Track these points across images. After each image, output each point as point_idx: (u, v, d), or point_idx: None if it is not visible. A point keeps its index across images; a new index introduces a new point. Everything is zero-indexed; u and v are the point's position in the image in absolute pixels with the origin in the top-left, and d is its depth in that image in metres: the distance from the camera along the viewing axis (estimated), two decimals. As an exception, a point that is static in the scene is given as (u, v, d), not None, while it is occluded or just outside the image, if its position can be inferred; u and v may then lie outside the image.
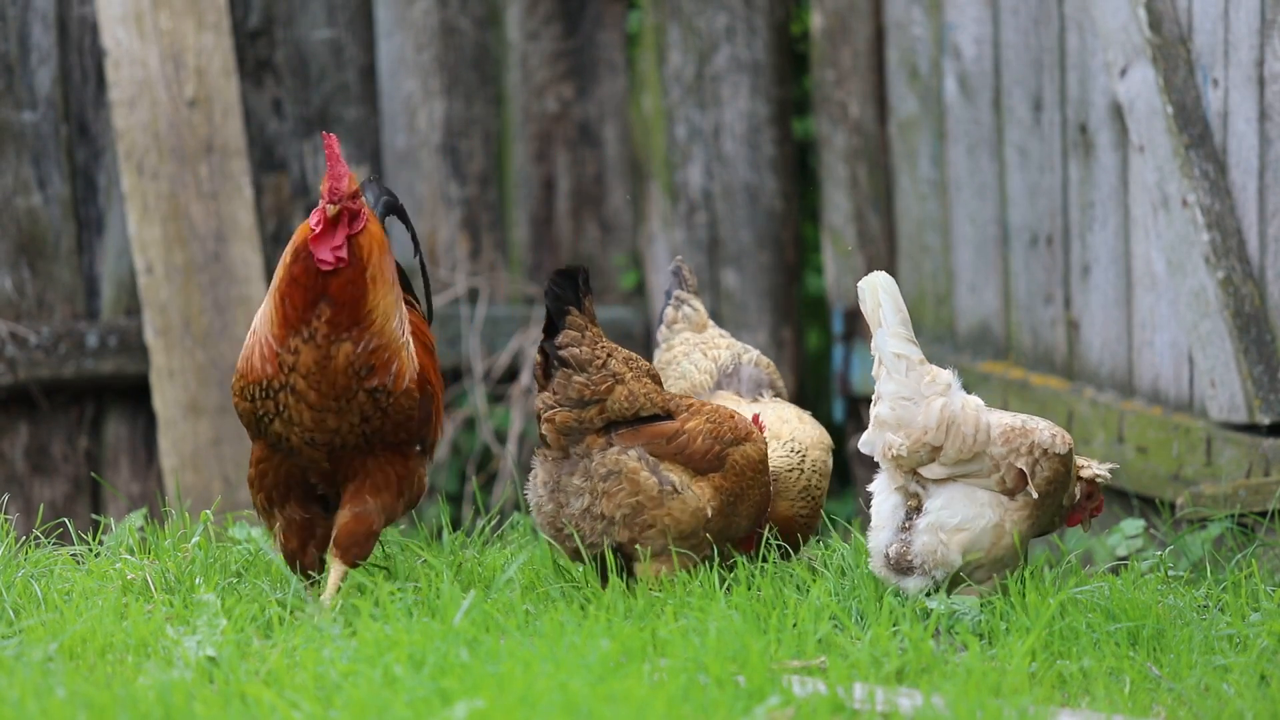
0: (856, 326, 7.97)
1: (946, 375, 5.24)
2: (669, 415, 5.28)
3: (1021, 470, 5.20)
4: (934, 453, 5.20)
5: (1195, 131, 6.46)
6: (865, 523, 6.05)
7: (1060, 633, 4.86)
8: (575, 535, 5.20)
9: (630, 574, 5.24)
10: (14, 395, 7.48)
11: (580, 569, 5.59)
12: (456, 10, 7.99)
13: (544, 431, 5.24)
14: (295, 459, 5.09)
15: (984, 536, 5.20)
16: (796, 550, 5.54)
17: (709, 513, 5.24)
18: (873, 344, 5.27)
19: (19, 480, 7.53)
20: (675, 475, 5.23)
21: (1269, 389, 6.34)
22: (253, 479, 5.15)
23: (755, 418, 5.55)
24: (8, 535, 5.33)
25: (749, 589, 5.13)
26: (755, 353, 5.93)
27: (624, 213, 8.25)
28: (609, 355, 5.24)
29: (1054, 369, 7.26)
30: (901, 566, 5.21)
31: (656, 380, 5.33)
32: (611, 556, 5.20)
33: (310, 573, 5.16)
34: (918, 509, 5.24)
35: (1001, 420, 5.23)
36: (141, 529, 5.88)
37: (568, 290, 5.21)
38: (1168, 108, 6.48)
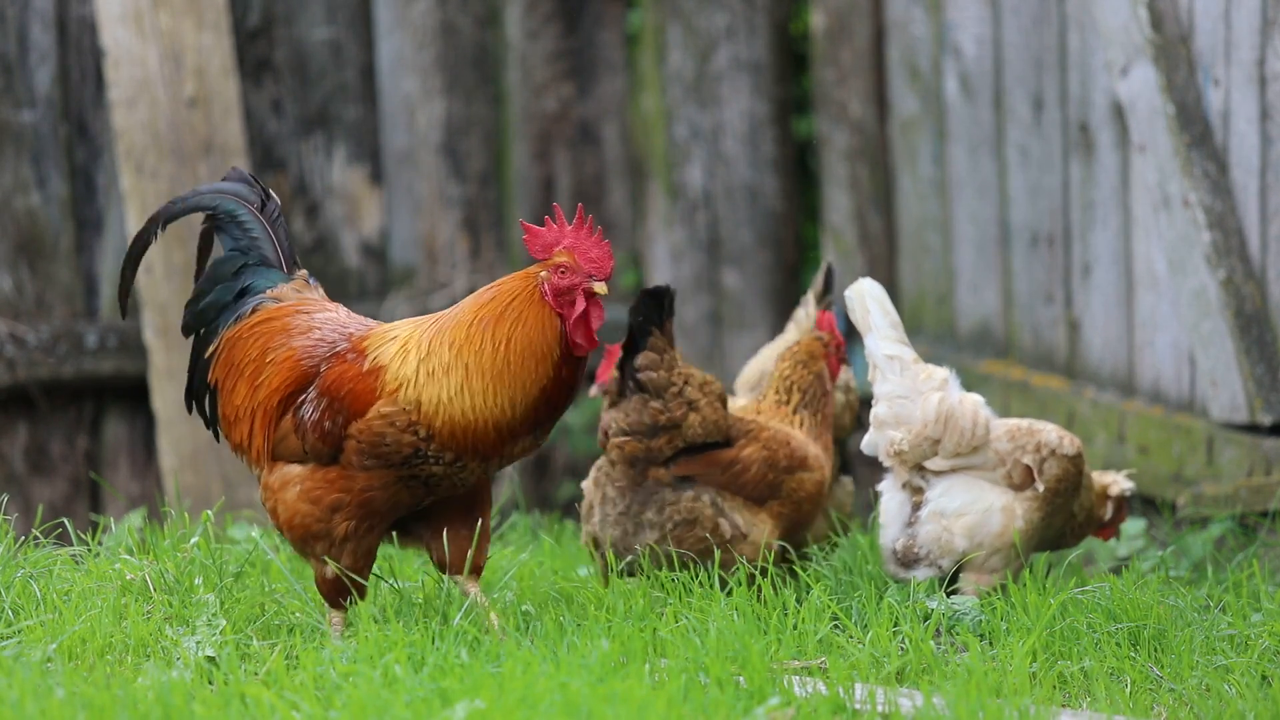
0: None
1: (942, 372, 5.29)
2: (728, 441, 5.28)
3: (1027, 466, 5.23)
4: (935, 446, 5.24)
5: (1196, 131, 6.45)
6: (866, 520, 6.05)
7: (1061, 633, 4.85)
8: (643, 560, 5.19)
9: None
10: (13, 395, 7.47)
11: (584, 571, 5.59)
12: (456, 9, 7.98)
13: (612, 457, 5.22)
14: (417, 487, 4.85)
15: (990, 520, 5.22)
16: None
17: (774, 545, 5.24)
18: (865, 349, 5.31)
19: (18, 480, 7.52)
20: (740, 515, 5.22)
21: (1270, 389, 6.33)
22: (338, 506, 4.76)
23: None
24: (7, 535, 5.32)
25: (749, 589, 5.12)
26: None
27: (624, 212, 8.25)
28: (685, 381, 5.20)
29: (1055, 369, 7.25)
30: (908, 559, 5.24)
31: (724, 402, 5.31)
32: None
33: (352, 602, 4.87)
34: (923, 504, 5.27)
35: (1008, 421, 5.28)
36: (140, 529, 5.87)
37: (652, 311, 5.17)
38: (1169, 107, 6.48)
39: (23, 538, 5.47)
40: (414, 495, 4.80)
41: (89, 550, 5.41)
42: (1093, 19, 6.83)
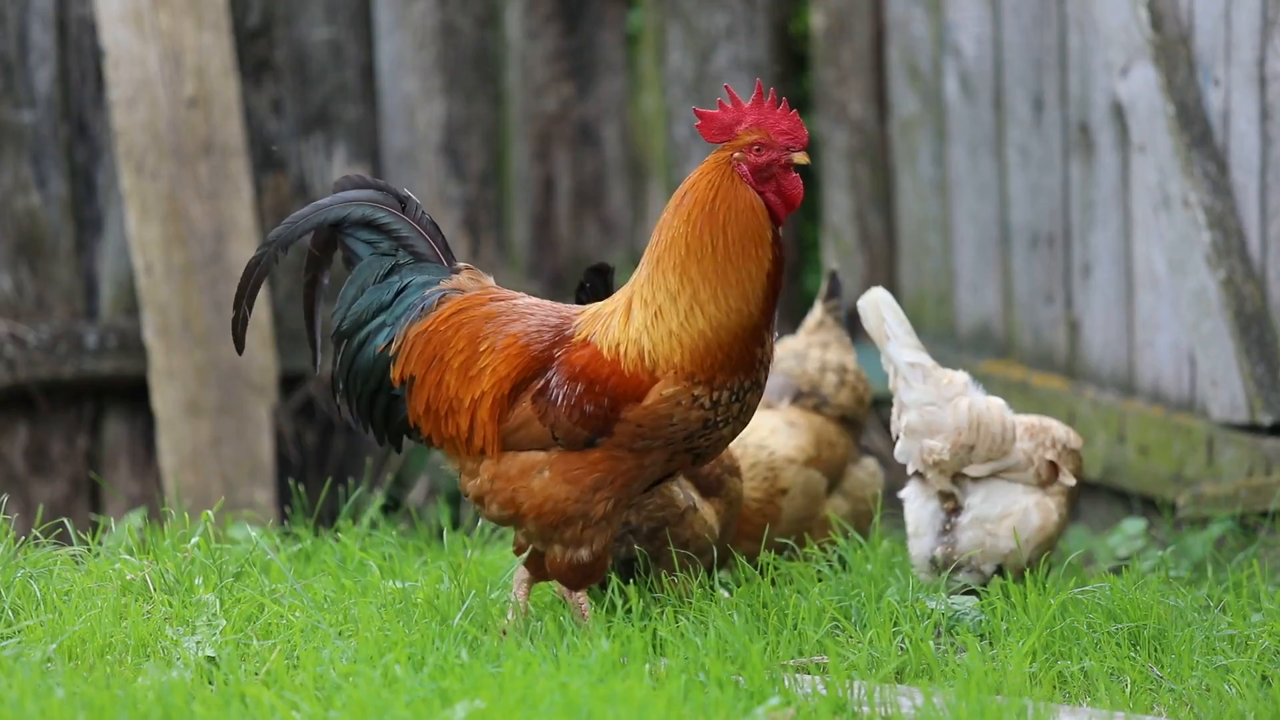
0: (857, 326, 7.96)
1: (961, 376, 5.28)
2: None
3: (1051, 462, 5.26)
4: (970, 453, 5.23)
5: (1196, 131, 6.45)
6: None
7: (1061, 633, 4.85)
8: None
9: (632, 576, 5.23)
10: (13, 395, 7.47)
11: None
12: (456, 9, 7.98)
13: None
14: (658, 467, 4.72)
15: (1029, 518, 5.23)
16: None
17: (716, 532, 5.24)
18: (883, 358, 5.29)
19: (18, 480, 7.52)
20: (693, 492, 5.22)
21: (1270, 389, 6.33)
22: (600, 485, 4.66)
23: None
24: (7, 535, 5.32)
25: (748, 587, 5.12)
26: (807, 362, 5.94)
27: (624, 212, 8.25)
28: None
29: (1055, 369, 7.25)
30: (949, 568, 5.23)
31: None
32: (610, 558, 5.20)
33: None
34: (955, 510, 5.25)
35: (1020, 419, 5.30)
36: (140, 529, 5.87)
37: (600, 287, 5.16)
38: (1169, 107, 6.48)
39: (23, 538, 5.47)
40: (668, 469, 4.70)
41: (89, 550, 5.41)
42: (1093, 19, 6.83)
